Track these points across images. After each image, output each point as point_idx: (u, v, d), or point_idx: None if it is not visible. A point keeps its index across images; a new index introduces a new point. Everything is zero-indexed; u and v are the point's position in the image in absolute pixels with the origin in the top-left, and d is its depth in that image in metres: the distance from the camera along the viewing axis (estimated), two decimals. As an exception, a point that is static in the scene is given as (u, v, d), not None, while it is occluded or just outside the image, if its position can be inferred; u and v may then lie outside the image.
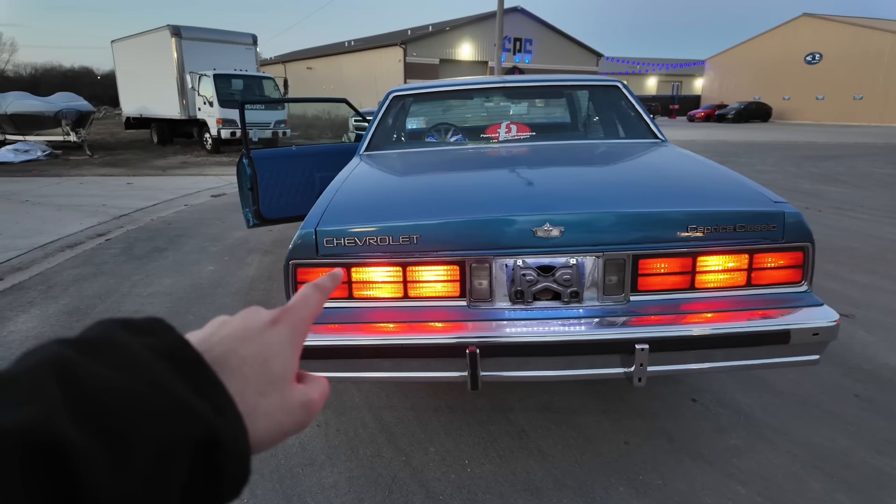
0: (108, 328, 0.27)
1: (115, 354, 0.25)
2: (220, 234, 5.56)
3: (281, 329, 0.34)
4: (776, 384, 2.50)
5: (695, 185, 1.97)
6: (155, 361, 0.26)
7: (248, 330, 0.33)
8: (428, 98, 3.31)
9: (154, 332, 0.28)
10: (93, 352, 0.25)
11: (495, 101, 3.53)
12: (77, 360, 0.24)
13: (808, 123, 34.85)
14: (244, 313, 0.35)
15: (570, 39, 36.11)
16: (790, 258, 1.72)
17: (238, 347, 0.31)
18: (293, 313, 0.35)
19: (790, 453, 2.04)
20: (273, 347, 0.32)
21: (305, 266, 1.75)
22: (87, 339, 0.26)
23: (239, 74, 13.62)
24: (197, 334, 0.32)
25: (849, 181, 8.87)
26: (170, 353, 0.27)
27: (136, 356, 0.25)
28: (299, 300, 0.37)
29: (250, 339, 0.32)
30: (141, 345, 0.26)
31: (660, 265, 1.72)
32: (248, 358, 0.31)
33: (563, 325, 1.71)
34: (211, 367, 0.28)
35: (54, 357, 0.24)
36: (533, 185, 1.93)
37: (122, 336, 0.27)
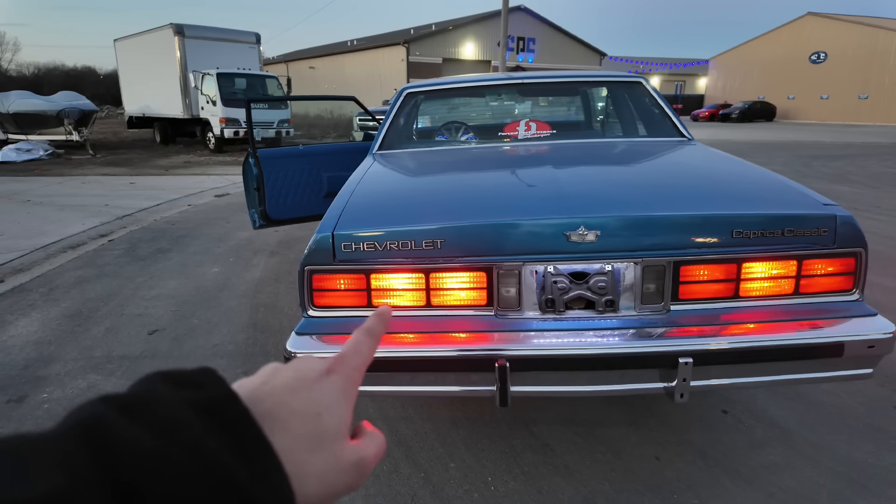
0: (154, 382, 0.26)
1: (154, 414, 0.24)
2: (224, 234, 5.45)
3: (334, 380, 0.32)
4: (809, 395, 2.38)
5: (736, 187, 1.85)
6: (196, 420, 0.24)
7: (301, 381, 0.31)
8: (443, 95, 3.20)
9: (202, 385, 0.27)
10: (132, 411, 0.24)
11: (512, 97, 3.42)
12: (114, 422, 0.23)
13: (813, 123, 34.66)
14: (297, 362, 0.33)
15: (573, 38, 35.95)
16: (841, 265, 1.61)
17: (289, 400, 0.29)
18: (346, 362, 0.34)
19: (832, 470, 1.92)
20: (326, 400, 0.31)
21: (322, 272, 1.64)
22: (129, 396, 0.25)
23: (242, 73, 13.52)
24: (247, 383, 0.31)
25: (862, 181, 8.73)
26: (214, 409, 0.25)
27: (176, 415, 0.24)
28: (350, 348, 0.35)
29: (302, 391, 0.30)
30: (184, 401, 0.25)
31: (702, 272, 1.60)
32: (299, 412, 0.29)
33: (599, 336, 1.60)
34: (258, 423, 0.26)
35: (91, 419, 0.23)
36: (562, 186, 1.82)
37: (166, 391, 0.26)
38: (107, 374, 2.68)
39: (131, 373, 2.69)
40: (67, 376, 2.67)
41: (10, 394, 2.52)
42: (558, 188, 1.80)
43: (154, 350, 2.95)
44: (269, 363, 0.33)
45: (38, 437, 0.22)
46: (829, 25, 36.63)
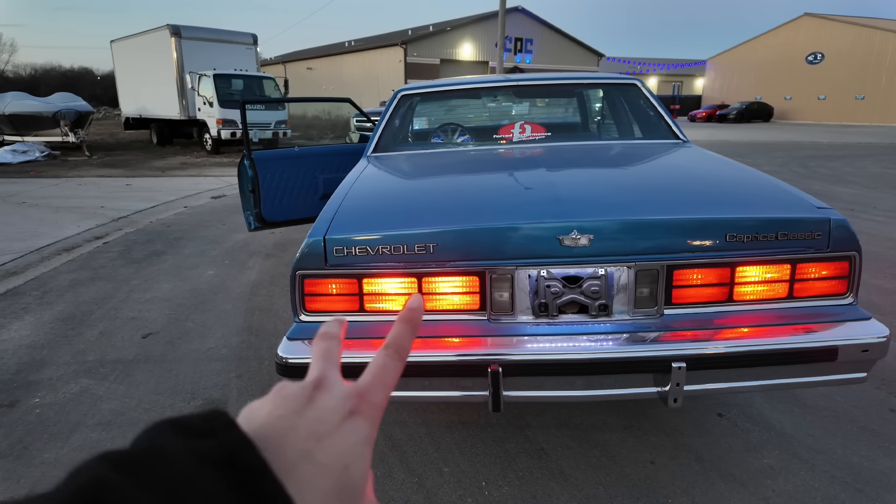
0: (159, 435, 0.24)
1: (158, 474, 0.21)
2: (220, 236, 5.43)
3: (359, 425, 0.28)
4: (805, 398, 2.38)
5: (730, 190, 1.84)
6: (207, 478, 0.22)
7: (325, 424, 0.27)
8: (437, 97, 3.19)
9: (212, 432, 0.24)
10: (135, 471, 0.21)
11: (507, 100, 3.41)
12: (114, 487, 0.20)
13: (809, 123, 34.73)
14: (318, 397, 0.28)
15: (570, 39, 35.97)
16: (835, 268, 1.60)
17: (315, 450, 0.26)
18: (370, 400, 0.30)
19: (828, 474, 1.91)
20: (353, 449, 0.27)
21: (313, 277, 1.63)
22: (132, 454, 0.22)
23: (239, 74, 13.50)
24: (260, 414, 0.27)
25: (859, 182, 8.74)
26: (229, 460, 0.23)
27: (184, 474, 0.22)
28: (375, 378, 0.31)
29: (329, 439, 0.27)
30: (194, 455, 0.23)
31: (696, 276, 1.59)
32: (327, 466, 0.26)
33: (592, 341, 1.58)
34: (278, 479, 0.23)
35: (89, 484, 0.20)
36: (556, 190, 1.81)
37: (173, 445, 0.23)
38: (100, 379, 2.66)
39: (124, 377, 2.67)
40: (60, 381, 2.65)
41: (2, 399, 2.50)
42: (551, 191, 1.79)
43: (148, 354, 2.93)
44: (282, 383, 0.30)
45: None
46: (825, 26, 36.73)
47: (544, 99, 3.69)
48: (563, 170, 2.08)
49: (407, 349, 0.33)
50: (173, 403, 2.44)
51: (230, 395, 2.51)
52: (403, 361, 0.33)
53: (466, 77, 3.25)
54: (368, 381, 0.31)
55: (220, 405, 0.31)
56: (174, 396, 2.50)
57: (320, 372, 0.31)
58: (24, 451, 2.12)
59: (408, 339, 0.34)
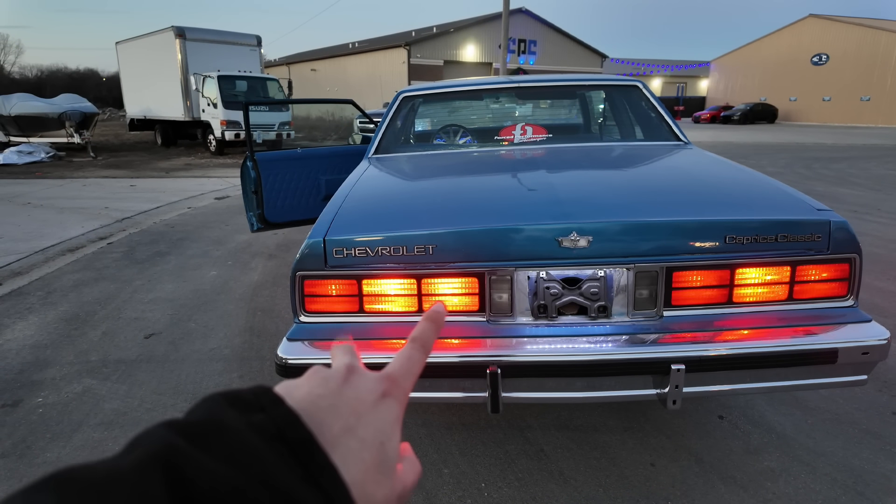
0: (215, 407, 0.25)
1: (224, 443, 0.23)
2: (223, 237, 5.45)
3: (391, 405, 0.31)
4: (807, 400, 2.37)
5: (730, 192, 1.84)
6: (266, 449, 0.24)
7: (364, 404, 0.29)
8: (438, 99, 3.19)
9: (262, 407, 0.26)
10: (202, 440, 0.23)
11: (508, 101, 3.41)
12: (186, 453, 0.22)
13: (814, 125, 34.58)
14: (353, 379, 0.31)
15: (574, 41, 35.95)
16: (835, 270, 1.59)
17: (356, 427, 0.28)
18: (400, 384, 0.32)
19: (829, 477, 1.91)
20: (387, 427, 0.29)
21: (313, 278, 1.63)
22: (194, 423, 0.24)
23: (243, 76, 13.55)
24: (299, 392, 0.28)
25: (863, 183, 8.71)
26: (280, 433, 0.25)
27: (246, 444, 0.23)
28: (402, 365, 0.34)
29: (367, 416, 0.29)
30: (250, 426, 0.24)
31: (695, 278, 1.59)
32: (368, 440, 0.28)
33: (591, 342, 1.59)
34: (324, 449, 0.25)
35: (163, 450, 0.22)
36: (555, 191, 1.81)
37: (231, 417, 0.24)
38: (102, 379, 2.68)
39: (126, 377, 2.69)
40: (63, 381, 2.67)
41: (6, 398, 2.51)
42: (551, 193, 1.79)
43: (150, 354, 2.94)
44: (316, 367, 0.31)
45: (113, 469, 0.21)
46: (830, 27, 36.57)
47: (545, 100, 3.69)
48: (563, 171, 2.08)
49: (430, 345, 0.36)
50: (175, 403, 2.45)
51: (231, 395, 2.51)
52: (427, 354, 0.35)
53: (468, 79, 3.26)
54: (396, 368, 0.33)
55: None
56: (176, 396, 2.51)
57: (349, 361, 0.32)
58: (26, 451, 2.13)
59: (432, 335, 0.36)
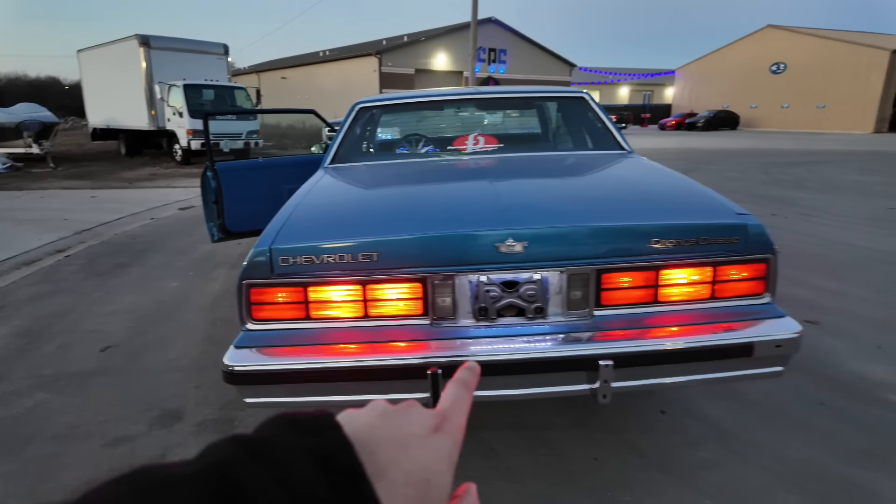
0: (278, 428, 0.27)
1: (278, 462, 0.24)
2: (186, 248, 5.41)
3: (442, 441, 0.30)
4: (745, 394, 2.50)
5: (658, 198, 1.95)
6: (315, 473, 0.24)
7: (414, 437, 0.29)
8: (394, 109, 3.27)
9: (320, 431, 0.27)
10: (261, 456, 0.24)
11: (462, 112, 3.51)
12: (246, 470, 0.23)
13: (774, 131, 35.84)
14: (406, 409, 0.32)
15: (543, 50, 36.53)
16: (753, 270, 1.71)
17: (402, 459, 0.28)
18: (452, 420, 0.32)
19: (760, 465, 2.02)
20: (435, 464, 0.29)
21: (260, 286, 1.68)
22: (260, 441, 0.25)
23: (210, 84, 13.41)
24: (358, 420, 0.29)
25: (815, 187, 9.09)
26: (331, 459, 0.25)
27: (297, 466, 0.24)
28: (452, 402, 0.33)
29: (415, 450, 0.29)
30: (305, 449, 0.25)
31: (623, 279, 1.69)
32: (412, 474, 0.27)
33: (528, 341, 1.67)
34: (370, 481, 0.25)
35: (223, 462, 0.24)
36: (497, 199, 1.90)
37: (289, 439, 0.26)
38: (56, 392, 2.65)
39: (81, 390, 2.66)
40: (14, 395, 2.63)
41: (-47, 415, 2.47)
42: (493, 201, 1.87)
43: (106, 367, 2.92)
44: (378, 400, 0.32)
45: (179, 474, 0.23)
46: (788, 37, 38.05)
47: (497, 112, 3.80)
48: (507, 180, 2.17)
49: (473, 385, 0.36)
50: (130, 415, 2.45)
51: (188, 405, 2.52)
52: (471, 393, 0.36)
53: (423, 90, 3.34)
54: (448, 403, 0.33)
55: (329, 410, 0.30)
56: (131, 408, 2.50)
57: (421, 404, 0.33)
58: (-27, 467, 2.11)
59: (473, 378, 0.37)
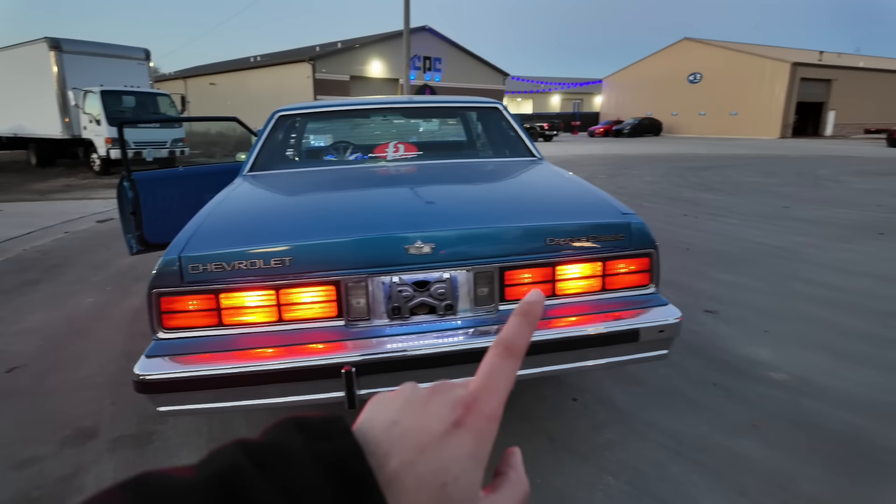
0: (286, 431, 0.26)
1: (284, 469, 0.24)
2: (104, 262, 5.17)
3: (463, 439, 0.28)
4: (648, 379, 2.72)
5: (556, 200, 2.12)
6: (322, 480, 0.24)
7: (429, 434, 0.27)
8: (314, 118, 3.31)
9: (329, 436, 0.26)
10: (267, 463, 0.24)
11: (383, 121, 3.60)
12: (249, 476, 0.23)
13: (693, 137, 38.31)
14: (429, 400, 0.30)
15: (477, 59, 37.31)
16: (638, 263, 1.90)
17: (416, 461, 0.26)
18: (479, 409, 0.29)
19: (656, 442, 2.22)
20: (454, 466, 0.27)
21: (170, 294, 1.69)
22: (266, 445, 0.25)
23: (130, 91, 12.80)
24: (379, 416, 0.29)
25: (723, 189, 9.83)
26: (339, 465, 0.25)
27: (303, 473, 0.24)
28: (485, 382, 0.30)
29: (430, 451, 0.27)
30: (312, 455, 0.25)
31: (524, 275, 1.83)
32: (425, 479, 0.26)
33: (439, 337, 1.77)
34: (381, 488, 0.25)
35: (227, 469, 0.23)
36: (408, 204, 1.99)
37: (296, 442, 0.25)
38: (-47, 418, 2.49)
39: (-17, 413, 2.52)
40: None
41: None
42: (404, 205, 1.97)
43: (13, 388, 2.77)
44: (406, 384, 0.31)
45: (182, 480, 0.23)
46: (702, 49, 40.83)
47: (418, 120, 3.92)
48: (421, 186, 2.28)
49: (521, 347, 0.31)
50: (38, 436, 2.34)
51: (102, 422, 2.45)
52: (518, 360, 0.31)
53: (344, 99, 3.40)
54: (477, 388, 0.30)
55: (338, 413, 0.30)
56: (40, 429, 2.40)
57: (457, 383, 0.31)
58: None
59: (523, 335, 0.31)
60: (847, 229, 6.22)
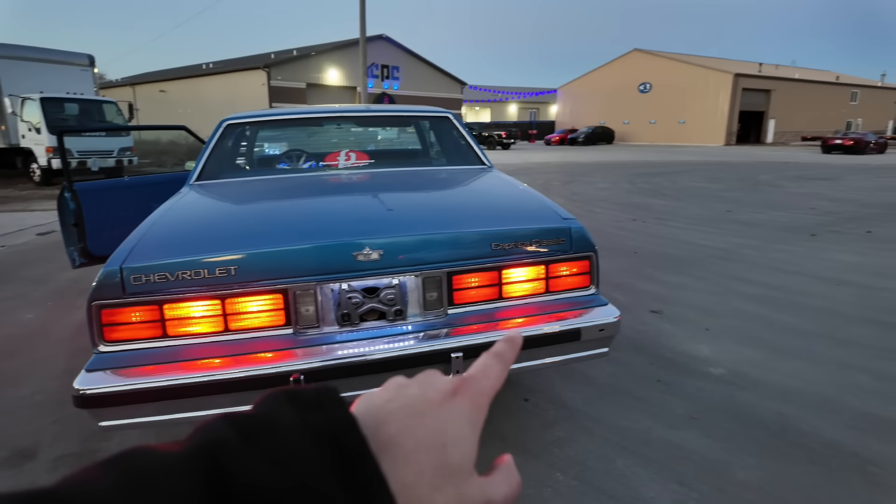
0: (276, 403, 0.26)
1: (274, 440, 0.23)
2: (45, 276, 4.94)
3: (461, 404, 0.29)
4: (597, 378, 2.82)
5: (501, 207, 2.19)
6: (314, 451, 0.23)
7: (427, 402, 0.28)
8: (263, 126, 3.29)
9: (322, 406, 0.25)
10: (254, 436, 0.23)
11: (337, 129, 3.61)
12: (235, 448, 0.23)
13: (644, 144, 39.69)
14: (422, 377, 0.31)
15: (435, 68, 37.58)
16: (579, 266, 1.98)
17: (414, 426, 0.27)
18: (473, 385, 0.30)
19: (602, 438, 2.31)
20: (452, 428, 0.27)
21: (112, 306, 1.65)
22: (253, 417, 0.25)
23: (73, 98, 12.29)
24: (373, 399, 0.29)
25: (670, 194, 10.24)
26: (333, 436, 0.24)
27: (294, 444, 0.23)
28: (478, 370, 0.32)
29: (428, 416, 0.28)
30: (304, 426, 0.24)
31: (471, 280, 1.88)
32: (424, 441, 0.26)
33: (389, 342, 1.79)
34: (375, 458, 0.24)
35: (213, 443, 0.23)
36: (357, 211, 2.02)
37: (287, 414, 0.25)
38: None
39: None
40: None
41: None
42: (352, 213, 2.00)
43: (-58, 411, 2.63)
44: (396, 376, 0.31)
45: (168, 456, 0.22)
46: (652, 60, 42.44)
47: (369, 129, 3.95)
48: (371, 193, 2.31)
49: (509, 359, 0.33)
50: (-29, 459, 2.23)
51: (42, 441, 2.35)
52: (506, 365, 0.33)
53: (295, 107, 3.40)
54: (472, 370, 0.32)
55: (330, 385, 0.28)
56: (-28, 452, 2.29)
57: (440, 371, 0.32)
58: None
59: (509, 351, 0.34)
60: (783, 231, 6.59)
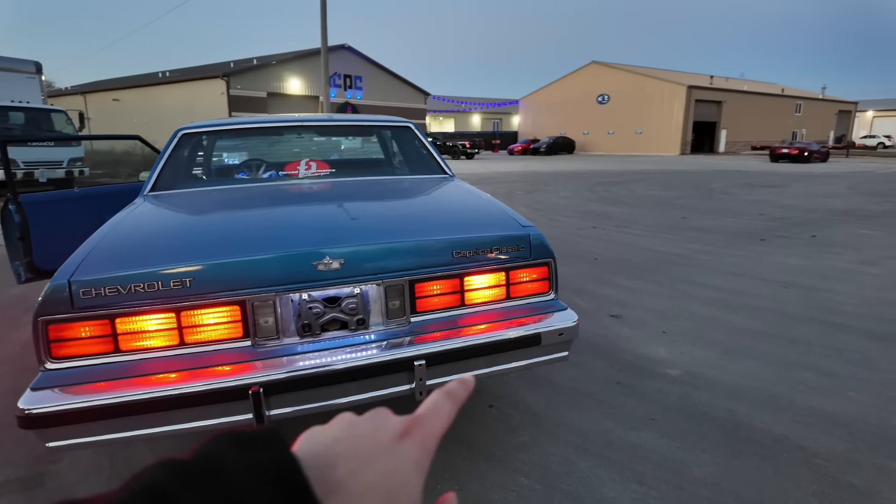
0: (218, 446, 0.25)
1: (213, 484, 0.23)
2: (-13, 293, 4.69)
3: (409, 448, 0.29)
4: (559, 382, 2.86)
5: (462, 215, 2.22)
6: (254, 493, 0.23)
7: (376, 445, 0.28)
8: (221, 136, 3.24)
9: (262, 448, 0.25)
10: (195, 481, 0.23)
11: (297, 138, 3.58)
12: (173, 495, 0.22)
13: (603, 154, 40.73)
14: (372, 415, 0.31)
15: (398, 78, 37.68)
16: (538, 272, 2.02)
17: (363, 469, 0.27)
18: (424, 425, 0.31)
19: (565, 441, 2.35)
20: (401, 474, 0.28)
21: (60, 322, 1.59)
22: (194, 462, 0.24)
23: (18, 106, 11.74)
24: (320, 437, 0.29)
25: (629, 202, 10.53)
26: (277, 478, 0.24)
27: (233, 487, 0.23)
28: (429, 409, 0.32)
29: (377, 459, 0.28)
30: (247, 469, 0.24)
31: (433, 287, 1.90)
32: (373, 486, 0.26)
33: (351, 351, 1.78)
34: (318, 500, 0.24)
35: (151, 490, 0.22)
36: (317, 220, 2.01)
37: (229, 458, 0.24)
38: None
39: None
40: None
41: None
42: (312, 222, 1.98)
43: None
44: (344, 413, 0.31)
45: None
46: (609, 72, 43.69)
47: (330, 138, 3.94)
48: (331, 203, 2.30)
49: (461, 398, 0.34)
50: None
51: (-17, 467, 2.23)
52: (457, 405, 0.33)
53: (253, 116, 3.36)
54: (423, 409, 0.32)
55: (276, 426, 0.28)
56: None
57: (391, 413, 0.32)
58: None
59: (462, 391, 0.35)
60: (734, 236, 6.87)
